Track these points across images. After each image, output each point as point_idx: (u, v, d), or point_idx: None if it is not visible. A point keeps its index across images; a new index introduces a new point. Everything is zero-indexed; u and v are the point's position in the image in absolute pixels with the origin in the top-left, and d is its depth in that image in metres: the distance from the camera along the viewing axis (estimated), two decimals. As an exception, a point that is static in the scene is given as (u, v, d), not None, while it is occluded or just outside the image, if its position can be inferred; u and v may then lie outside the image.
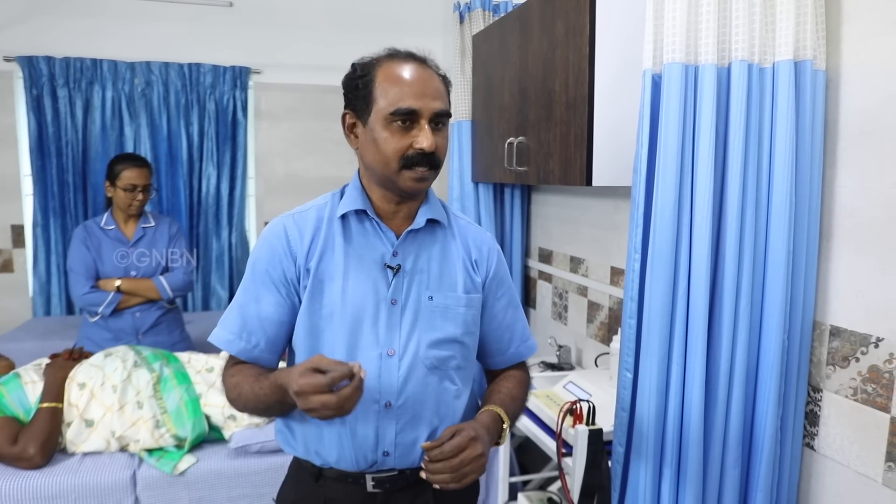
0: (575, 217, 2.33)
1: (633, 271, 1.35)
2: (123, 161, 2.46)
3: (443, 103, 1.07)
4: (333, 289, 1.09)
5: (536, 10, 1.89)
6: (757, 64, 1.27)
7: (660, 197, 1.28)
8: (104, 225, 2.50)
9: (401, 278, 1.10)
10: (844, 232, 1.31)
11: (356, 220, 1.12)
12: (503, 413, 1.11)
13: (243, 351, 1.11)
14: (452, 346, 1.12)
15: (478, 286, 1.16)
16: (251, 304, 1.11)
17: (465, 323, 1.13)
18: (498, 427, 1.10)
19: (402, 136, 1.04)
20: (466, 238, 1.18)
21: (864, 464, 1.27)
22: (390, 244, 1.11)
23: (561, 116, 1.77)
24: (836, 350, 1.33)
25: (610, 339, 2.07)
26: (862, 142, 1.26)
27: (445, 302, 1.12)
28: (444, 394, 1.12)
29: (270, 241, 1.11)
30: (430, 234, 1.14)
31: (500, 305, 1.21)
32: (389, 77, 1.05)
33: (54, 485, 1.81)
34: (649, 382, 1.33)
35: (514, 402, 1.17)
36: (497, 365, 1.26)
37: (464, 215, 1.24)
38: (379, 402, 1.09)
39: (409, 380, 1.09)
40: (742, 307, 1.30)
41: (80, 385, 1.97)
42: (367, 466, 1.11)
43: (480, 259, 1.18)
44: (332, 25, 3.36)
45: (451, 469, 0.98)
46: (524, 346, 1.25)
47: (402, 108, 1.03)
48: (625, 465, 1.40)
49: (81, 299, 2.43)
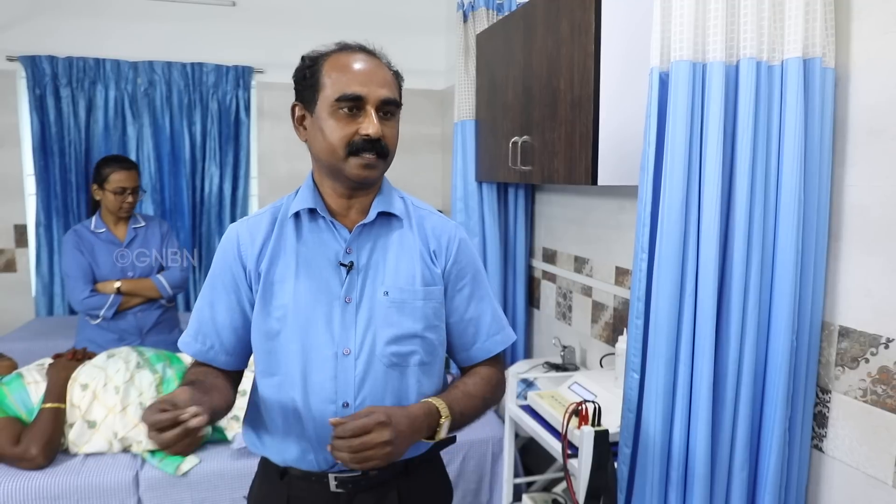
0: (579, 217, 2.32)
1: (640, 271, 1.33)
2: (111, 164, 2.44)
3: (390, 91, 1.06)
4: (285, 290, 1.08)
5: (541, 8, 1.88)
6: (765, 61, 1.25)
7: (667, 196, 1.27)
8: (94, 228, 2.47)
9: (354, 275, 1.09)
10: (854, 231, 1.30)
11: (309, 219, 1.12)
12: (444, 407, 1.05)
13: (199, 353, 1.14)
14: (412, 341, 1.10)
15: (437, 277, 1.13)
16: (206, 309, 1.14)
17: (426, 317, 1.10)
18: (431, 420, 1.04)
19: (348, 124, 1.03)
20: (425, 228, 1.15)
21: (873, 466, 1.26)
22: (343, 241, 1.10)
23: (566, 115, 1.75)
24: (845, 351, 1.31)
25: (615, 339, 2.06)
26: (871, 140, 1.25)
27: (402, 296, 1.09)
28: (406, 391, 1.10)
29: (224, 247, 1.14)
30: (385, 228, 1.13)
31: (462, 297, 1.16)
32: (336, 66, 1.05)
33: (56, 485, 1.80)
34: (656, 383, 1.31)
35: (467, 399, 1.11)
36: (464, 361, 1.21)
37: (427, 205, 1.20)
38: (336, 403, 1.07)
39: (366, 379, 1.07)
40: (750, 307, 1.29)
41: (83, 386, 1.96)
42: (329, 467, 1.10)
43: (439, 249, 1.14)
44: (335, 25, 3.35)
45: (350, 449, 0.93)
46: (491, 340, 1.19)
47: (346, 94, 1.02)
48: (631, 467, 1.39)
49: (82, 304, 2.41)
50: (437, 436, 1.05)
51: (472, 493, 2.10)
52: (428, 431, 1.05)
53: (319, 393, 1.07)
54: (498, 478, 2.09)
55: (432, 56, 3.52)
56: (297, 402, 1.08)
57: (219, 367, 1.15)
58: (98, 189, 2.45)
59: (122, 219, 2.51)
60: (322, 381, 1.07)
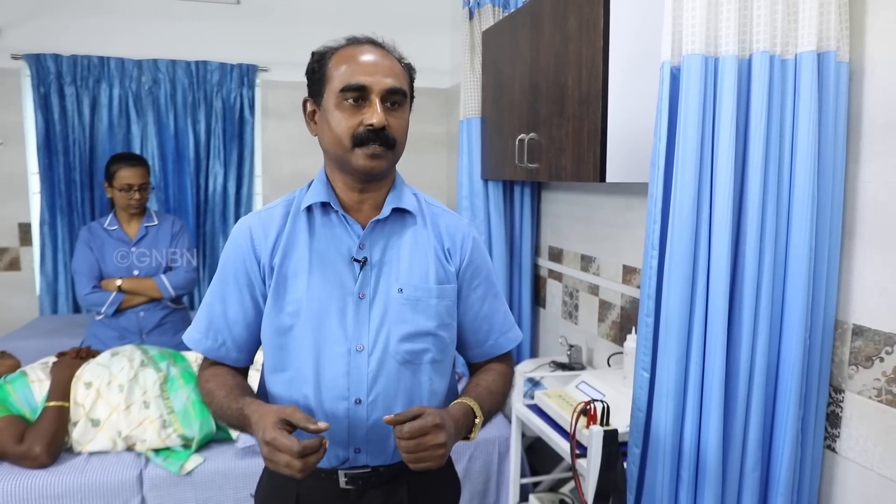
0: (586, 215, 2.30)
1: (650, 268, 1.31)
2: (118, 161, 2.48)
3: (396, 81, 1.04)
4: (298, 285, 1.07)
5: (549, 4, 1.86)
6: (779, 55, 1.23)
7: (678, 192, 1.25)
8: (107, 226, 2.52)
9: (368, 271, 1.08)
10: (868, 228, 1.28)
11: (321, 214, 1.11)
12: (477, 407, 1.07)
13: (210, 350, 1.13)
14: (426, 339, 1.09)
15: (451, 276, 1.12)
16: (217, 304, 1.12)
17: (439, 315, 1.10)
18: (468, 421, 1.05)
19: (353, 115, 1.02)
20: (439, 226, 1.14)
21: (888, 466, 1.24)
22: (356, 236, 1.09)
23: (574, 112, 1.74)
24: (859, 350, 1.29)
25: (622, 338, 2.04)
26: (886, 135, 1.23)
27: (416, 294, 1.08)
28: (418, 388, 1.10)
29: (237, 240, 1.12)
30: (399, 224, 1.12)
31: (476, 295, 1.17)
32: (343, 58, 1.04)
33: (60, 484, 1.80)
34: (667, 382, 1.29)
35: (491, 397, 1.13)
36: (476, 358, 1.22)
37: (439, 203, 1.20)
38: (348, 399, 1.06)
39: (379, 375, 1.07)
40: (762, 305, 1.27)
41: (87, 384, 1.95)
42: (339, 463, 1.09)
43: (454, 248, 1.14)
44: (339, 23, 3.34)
45: (407, 450, 0.94)
46: (504, 337, 1.20)
47: (350, 84, 1.01)
48: (641, 467, 1.37)
49: (85, 299, 2.46)
50: (472, 436, 1.06)
51: (479, 494, 2.09)
52: (466, 432, 1.05)
53: (332, 389, 1.06)
54: (504, 478, 2.08)
55: (437, 54, 3.51)
56: (309, 399, 1.07)
57: (229, 364, 1.14)
58: (108, 187, 2.50)
59: (134, 216, 2.54)
60: (335, 378, 1.06)
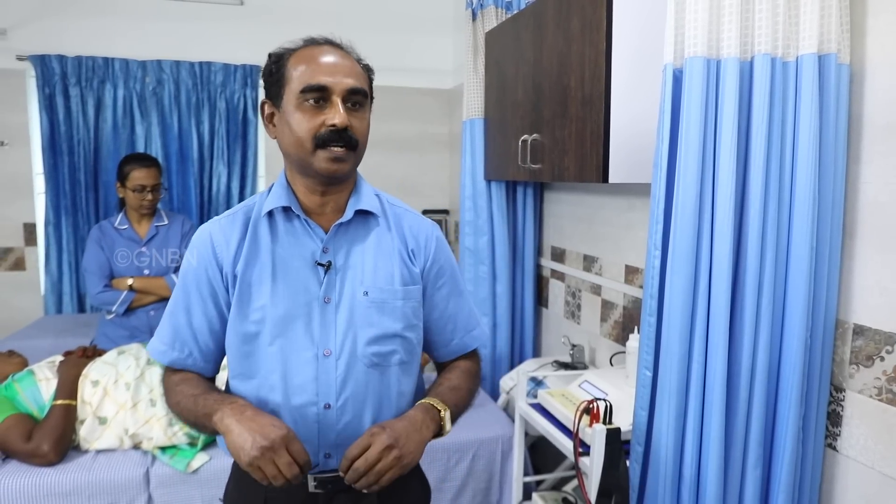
0: (588, 215, 2.31)
1: (652, 268, 1.33)
2: (132, 162, 2.51)
3: (357, 81, 1.03)
4: (262, 292, 1.06)
5: (551, 5, 1.88)
6: (780, 58, 1.25)
7: (681, 193, 1.26)
8: (118, 225, 2.55)
9: (333, 275, 1.07)
10: (868, 228, 1.29)
11: (283, 219, 1.10)
12: (438, 401, 1.07)
13: (177, 361, 1.12)
14: (393, 341, 1.09)
15: (416, 277, 1.12)
16: (181, 315, 1.11)
17: (405, 316, 1.10)
18: (433, 417, 1.05)
19: (314, 115, 1.01)
20: (402, 227, 1.14)
21: (889, 465, 1.25)
22: (320, 240, 1.08)
23: (577, 113, 1.75)
24: (860, 349, 1.30)
25: (625, 338, 2.05)
26: (887, 136, 1.24)
27: (381, 296, 1.08)
28: (387, 390, 1.10)
29: (198, 249, 1.10)
30: (362, 227, 1.11)
31: (441, 295, 1.17)
32: (302, 59, 1.03)
33: (68, 482, 1.81)
34: (669, 381, 1.31)
35: (454, 392, 1.13)
36: (443, 357, 1.22)
37: (403, 203, 1.19)
38: (318, 405, 1.06)
39: (347, 379, 1.07)
40: (764, 305, 1.28)
41: (94, 382, 1.97)
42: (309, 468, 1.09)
43: (417, 248, 1.14)
44: (342, 24, 3.34)
45: (368, 483, 0.97)
46: (469, 336, 1.21)
47: (311, 85, 1.00)
48: (643, 465, 1.39)
49: (95, 298, 2.48)
50: (444, 430, 1.07)
51: (482, 493, 2.10)
52: (434, 427, 1.05)
53: (301, 395, 1.06)
54: (508, 477, 2.09)
55: (440, 55, 3.52)
56: (278, 405, 1.07)
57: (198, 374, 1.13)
58: (120, 187, 2.53)
59: (145, 216, 2.56)
60: (303, 384, 1.06)
